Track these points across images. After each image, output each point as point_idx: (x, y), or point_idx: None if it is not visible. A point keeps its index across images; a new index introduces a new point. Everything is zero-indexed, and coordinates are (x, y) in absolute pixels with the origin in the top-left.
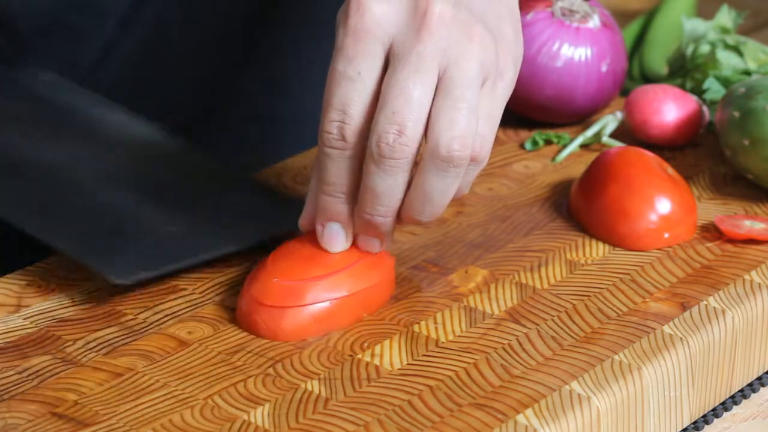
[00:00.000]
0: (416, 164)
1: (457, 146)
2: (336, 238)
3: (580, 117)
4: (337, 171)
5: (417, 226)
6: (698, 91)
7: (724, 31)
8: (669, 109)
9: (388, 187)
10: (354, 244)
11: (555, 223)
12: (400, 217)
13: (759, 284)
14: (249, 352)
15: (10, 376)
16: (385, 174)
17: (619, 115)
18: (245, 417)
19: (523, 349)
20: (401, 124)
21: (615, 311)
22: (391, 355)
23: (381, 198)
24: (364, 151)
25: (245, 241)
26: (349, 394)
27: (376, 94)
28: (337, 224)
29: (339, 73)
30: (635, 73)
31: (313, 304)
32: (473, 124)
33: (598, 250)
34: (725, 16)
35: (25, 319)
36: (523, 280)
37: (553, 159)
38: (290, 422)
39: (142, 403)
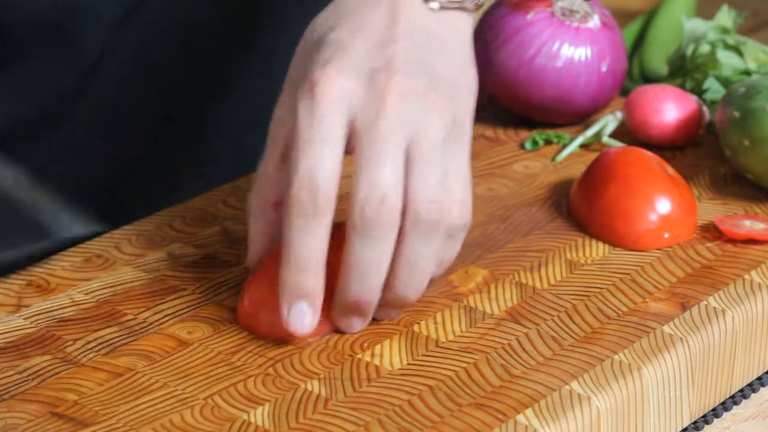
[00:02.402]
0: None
1: (436, 210)
2: (306, 319)
3: (580, 117)
4: (309, 242)
5: (397, 309)
6: (698, 91)
7: (724, 31)
8: (669, 109)
9: (374, 260)
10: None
11: (555, 223)
12: (383, 300)
13: (759, 284)
14: (249, 352)
15: (10, 376)
16: (372, 244)
17: (619, 115)
18: (245, 417)
19: (523, 349)
20: (383, 191)
21: (615, 311)
22: (391, 355)
23: (367, 274)
24: (331, 222)
25: None
26: (349, 394)
27: (342, 161)
28: (305, 303)
29: (305, 141)
30: (635, 73)
31: None
32: (447, 186)
33: (598, 250)
34: (725, 16)
35: (25, 319)
36: (523, 280)
37: (553, 159)
38: (290, 422)
39: (142, 403)
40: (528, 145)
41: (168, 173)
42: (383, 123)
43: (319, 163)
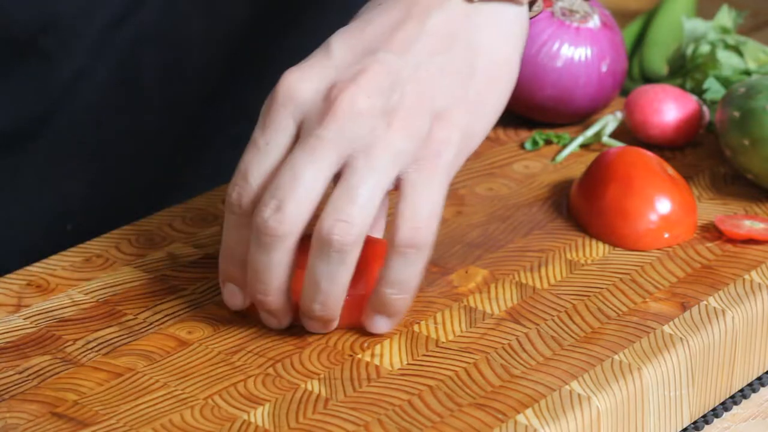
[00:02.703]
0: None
1: (338, 231)
2: (234, 298)
3: (580, 117)
4: (233, 236)
5: (321, 327)
6: (698, 91)
7: (724, 31)
8: (669, 109)
9: (263, 264)
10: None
11: (555, 223)
12: (300, 311)
13: (759, 284)
14: (249, 352)
15: (10, 376)
16: (261, 249)
17: (619, 115)
18: (245, 417)
19: (523, 349)
20: (281, 201)
21: (615, 311)
22: (391, 355)
23: (258, 275)
24: None
25: None
26: (349, 394)
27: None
28: (233, 285)
29: (251, 141)
30: (635, 73)
31: None
32: (363, 212)
33: (598, 250)
34: (725, 16)
35: (25, 319)
36: (523, 280)
37: (553, 159)
38: (290, 422)
39: (142, 403)
40: (528, 145)
41: (168, 173)
42: (318, 132)
43: (253, 168)
